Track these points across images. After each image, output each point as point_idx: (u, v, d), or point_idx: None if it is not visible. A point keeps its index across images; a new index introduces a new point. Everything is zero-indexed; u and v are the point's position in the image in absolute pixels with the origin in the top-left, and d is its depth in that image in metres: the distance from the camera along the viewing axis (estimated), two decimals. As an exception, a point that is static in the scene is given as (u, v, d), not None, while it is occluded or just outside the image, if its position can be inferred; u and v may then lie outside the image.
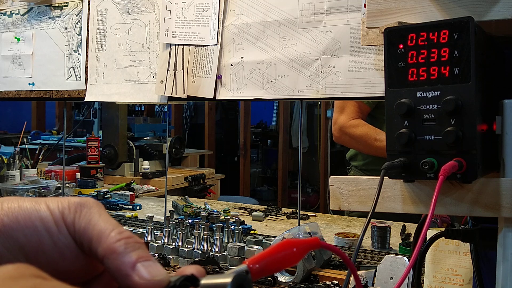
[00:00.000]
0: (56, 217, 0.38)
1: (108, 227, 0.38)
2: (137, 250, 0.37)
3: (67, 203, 0.39)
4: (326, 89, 1.38)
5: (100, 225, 0.38)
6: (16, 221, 0.38)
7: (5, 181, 2.81)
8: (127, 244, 0.37)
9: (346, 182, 0.82)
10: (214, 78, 1.54)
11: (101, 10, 1.78)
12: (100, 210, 0.39)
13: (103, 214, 0.39)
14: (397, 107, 0.70)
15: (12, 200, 0.39)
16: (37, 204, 0.38)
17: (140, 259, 0.37)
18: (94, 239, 0.37)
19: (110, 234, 0.37)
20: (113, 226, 0.38)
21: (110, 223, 0.38)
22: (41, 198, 0.39)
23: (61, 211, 0.38)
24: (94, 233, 0.38)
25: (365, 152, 2.18)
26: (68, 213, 0.38)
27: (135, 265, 0.36)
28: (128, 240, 0.37)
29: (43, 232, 0.38)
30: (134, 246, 0.37)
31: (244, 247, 1.46)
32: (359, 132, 2.05)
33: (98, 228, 0.38)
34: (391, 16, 0.79)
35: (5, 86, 2.01)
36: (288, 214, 2.34)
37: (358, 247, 0.72)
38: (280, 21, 1.44)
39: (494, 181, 0.69)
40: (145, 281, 0.36)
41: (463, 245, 1.12)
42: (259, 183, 7.22)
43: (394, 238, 1.78)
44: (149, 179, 3.29)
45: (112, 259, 0.37)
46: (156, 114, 6.40)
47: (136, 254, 0.37)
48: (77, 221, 0.38)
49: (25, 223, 0.38)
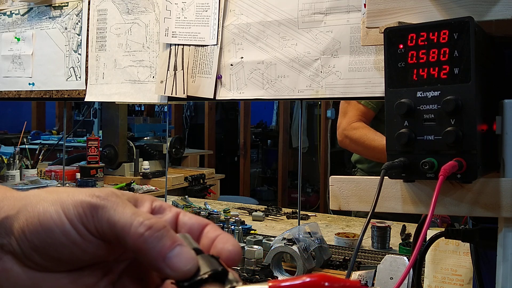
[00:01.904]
0: (78, 228, 0.39)
1: (127, 223, 0.38)
2: (161, 240, 0.38)
3: (81, 206, 0.39)
4: (326, 89, 1.38)
5: (119, 223, 0.38)
6: (40, 237, 0.38)
7: (5, 181, 2.81)
8: (150, 238, 0.38)
9: (346, 182, 0.82)
10: (214, 78, 1.54)
11: (101, 10, 1.78)
12: (113, 204, 0.39)
13: (117, 208, 0.39)
14: (397, 107, 0.70)
15: (33, 209, 0.39)
16: (57, 216, 0.39)
17: (167, 249, 0.37)
18: (120, 238, 0.38)
19: (130, 231, 0.38)
20: (131, 219, 0.38)
21: (127, 216, 0.38)
22: (58, 200, 0.39)
23: (80, 219, 0.39)
24: (117, 233, 0.38)
25: (364, 155, 2.17)
26: (87, 220, 0.39)
27: (165, 257, 0.37)
28: (150, 233, 0.38)
29: (68, 243, 0.39)
30: (156, 237, 0.38)
31: (244, 247, 1.46)
32: (358, 134, 2.05)
33: (119, 227, 0.38)
34: (391, 16, 0.79)
35: (5, 86, 2.01)
36: (288, 214, 2.34)
37: (358, 247, 0.72)
38: (280, 21, 1.44)
39: (494, 181, 0.69)
40: (177, 272, 0.37)
41: (463, 245, 1.12)
42: (259, 183, 7.22)
43: (394, 238, 1.78)
44: (149, 179, 3.29)
45: (142, 256, 0.38)
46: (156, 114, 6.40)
47: (161, 244, 0.38)
48: (99, 226, 0.39)
49: (50, 239, 0.38)
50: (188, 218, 0.43)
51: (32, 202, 0.39)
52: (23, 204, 0.40)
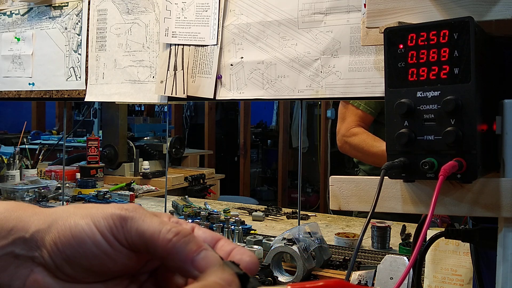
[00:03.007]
0: (109, 239, 0.41)
1: (155, 231, 0.40)
2: (188, 244, 0.40)
3: (111, 219, 0.41)
4: (326, 89, 1.38)
5: (148, 232, 0.41)
6: (73, 248, 0.41)
7: (5, 181, 2.81)
8: (178, 243, 0.40)
9: (346, 182, 0.82)
10: (214, 78, 1.54)
11: (101, 10, 1.78)
12: (141, 215, 0.41)
13: (145, 219, 0.41)
14: (397, 107, 0.70)
15: (64, 223, 0.41)
16: (88, 229, 0.41)
17: (194, 253, 0.40)
18: (149, 246, 0.41)
19: (159, 237, 0.40)
20: (160, 227, 0.41)
21: (155, 225, 0.41)
22: (88, 214, 0.42)
23: (110, 230, 0.41)
24: (147, 241, 0.41)
25: (364, 160, 2.18)
26: (117, 231, 0.41)
27: (192, 260, 0.40)
28: (178, 238, 0.40)
29: (99, 254, 0.41)
30: (184, 242, 0.40)
31: (244, 247, 1.46)
32: (357, 140, 2.05)
33: (148, 235, 0.41)
34: (391, 16, 0.79)
35: (5, 86, 2.01)
36: (288, 214, 2.34)
37: (358, 247, 0.72)
38: (280, 21, 1.44)
39: (494, 181, 0.69)
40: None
41: (463, 245, 1.12)
42: (259, 183, 7.22)
43: (394, 238, 1.78)
44: (149, 179, 3.29)
45: (170, 260, 0.40)
46: (156, 114, 6.40)
47: (189, 248, 0.40)
48: (128, 236, 0.41)
49: (82, 250, 0.41)
50: (202, 232, 0.45)
51: (63, 217, 0.42)
52: (53, 219, 0.42)
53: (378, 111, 2.10)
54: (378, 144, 1.96)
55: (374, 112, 2.09)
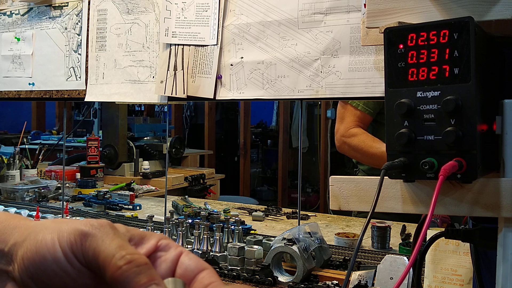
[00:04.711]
0: (68, 256, 0.39)
1: (109, 254, 0.38)
2: (138, 275, 0.37)
3: (73, 235, 0.40)
4: (326, 89, 1.38)
5: (103, 254, 0.39)
6: (35, 265, 0.40)
7: (5, 181, 2.81)
8: (127, 272, 0.37)
9: (346, 182, 0.82)
10: (214, 78, 1.54)
11: (101, 10, 1.78)
12: (103, 234, 0.40)
13: (106, 239, 0.39)
14: (397, 107, 0.70)
15: (34, 237, 0.40)
16: (51, 244, 0.40)
17: (141, 285, 0.37)
18: (101, 269, 0.39)
19: (111, 262, 0.38)
20: (114, 251, 0.38)
21: (112, 248, 0.39)
22: (56, 228, 0.40)
23: (70, 246, 0.39)
24: (100, 262, 0.39)
25: (363, 161, 2.17)
26: (76, 247, 0.39)
27: None
28: (128, 267, 0.38)
29: (59, 271, 0.39)
30: (133, 272, 0.37)
31: (244, 247, 1.46)
32: (356, 141, 2.04)
33: (101, 257, 0.38)
34: (391, 16, 0.79)
35: (5, 86, 2.01)
36: (288, 214, 2.34)
37: (358, 247, 0.72)
38: (280, 21, 1.43)
39: (494, 181, 0.69)
40: None
41: (463, 245, 1.12)
42: (259, 183, 7.22)
43: (394, 238, 1.78)
44: (149, 179, 3.29)
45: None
46: (156, 114, 6.40)
47: (137, 280, 0.37)
48: (85, 254, 0.39)
49: (43, 267, 0.39)
50: (188, 258, 0.43)
51: (36, 231, 0.41)
52: (29, 233, 0.41)
53: (377, 111, 2.10)
54: (377, 145, 1.96)
55: (373, 112, 2.09)
